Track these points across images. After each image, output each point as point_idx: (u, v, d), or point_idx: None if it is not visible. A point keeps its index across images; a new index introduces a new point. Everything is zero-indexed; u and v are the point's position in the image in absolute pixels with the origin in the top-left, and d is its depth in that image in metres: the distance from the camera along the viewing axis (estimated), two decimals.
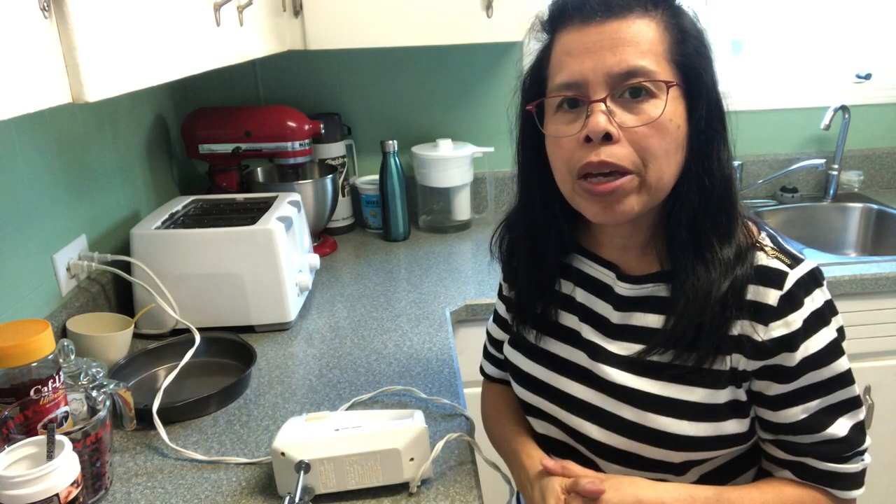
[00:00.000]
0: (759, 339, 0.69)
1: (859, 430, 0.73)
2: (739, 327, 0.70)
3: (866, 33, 2.01)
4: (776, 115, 2.01)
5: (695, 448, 0.73)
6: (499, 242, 0.89)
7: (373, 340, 1.26)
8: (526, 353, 0.86)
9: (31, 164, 1.11)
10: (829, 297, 0.71)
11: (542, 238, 0.81)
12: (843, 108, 1.90)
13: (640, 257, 0.77)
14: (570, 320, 0.82)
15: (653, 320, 0.75)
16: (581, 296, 0.82)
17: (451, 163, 1.78)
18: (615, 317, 0.78)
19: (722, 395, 0.72)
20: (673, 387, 0.73)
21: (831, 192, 1.99)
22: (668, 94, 0.67)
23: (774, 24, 1.99)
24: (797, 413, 0.71)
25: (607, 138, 0.67)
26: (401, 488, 0.84)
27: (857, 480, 0.74)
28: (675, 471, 0.75)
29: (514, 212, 0.85)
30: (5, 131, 1.05)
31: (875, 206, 1.93)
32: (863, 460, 0.74)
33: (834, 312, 0.72)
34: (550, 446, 0.86)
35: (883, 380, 1.59)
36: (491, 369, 1.01)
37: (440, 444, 0.86)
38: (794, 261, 0.71)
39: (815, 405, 0.71)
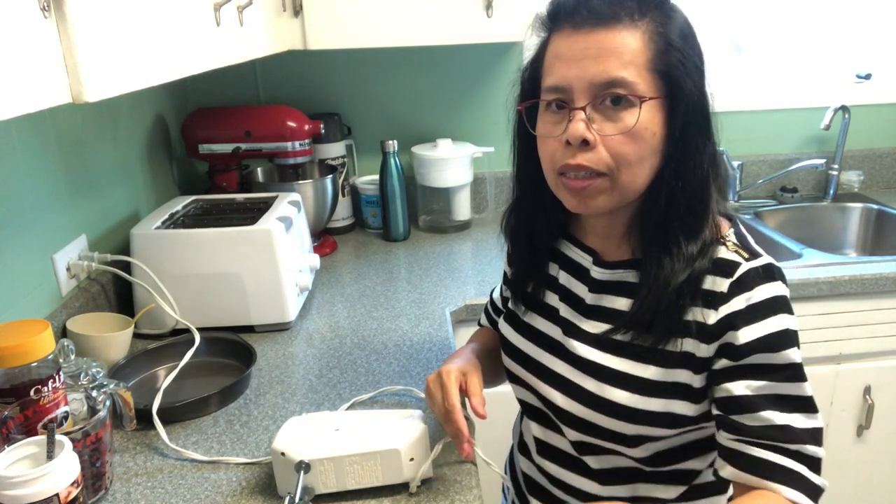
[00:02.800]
0: (709, 323, 0.73)
1: (811, 436, 0.72)
2: (693, 314, 0.74)
3: (866, 33, 2.01)
4: (776, 115, 2.01)
5: (644, 422, 0.77)
6: (505, 225, 0.95)
7: (373, 340, 1.26)
8: (515, 326, 0.92)
9: (31, 164, 1.11)
10: (784, 293, 0.74)
11: (534, 224, 0.88)
12: (843, 108, 1.91)
13: (617, 246, 0.83)
14: (552, 299, 0.88)
15: (621, 303, 0.81)
16: (563, 278, 0.88)
17: (451, 163, 1.78)
18: (589, 298, 0.84)
19: (673, 375, 0.76)
20: (630, 363, 0.78)
21: (831, 192, 1.99)
22: (640, 106, 0.70)
23: (774, 24, 1.99)
24: (740, 387, 0.73)
25: (585, 143, 0.72)
26: (401, 488, 0.84)
27: (803, 481, 0.71)
28: (629, 443, 0.80)
29: (514, 198, 0.91)
30: (5, 131, 1.05)
31: (875, 206, 1.93)
32: (813, 461, 0.72)
33: (787, 310, 0.73)
34: (527, 410, 0.93)
35: (883, 380, 1.59)
36: (484, 321, 1.09)
37: (440, 445, 0.86)
38: (753, 255, 0.75)
39: (759, 385, 0.72)
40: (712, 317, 0.73)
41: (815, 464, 0.73)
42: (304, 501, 0.80)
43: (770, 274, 0.74)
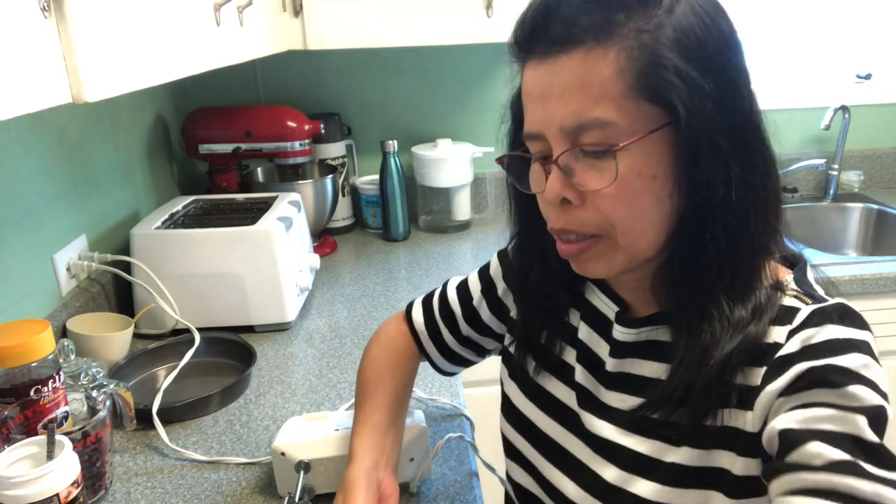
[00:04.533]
0: (755, 384, 0.56)
1: (894, 486, 0.48)
2: (742, 377, 0.57)
3: (866, 33, 2.01)
4: (776, 115, 1.97)
5: None
6: (511, 266, 0.79)
7: None
8: (521, 386, 0.77)
9: (31, 164, 1.11)
10: (863, 338, 0.54)
11: (543, 275, 0.72)
12: (843, 108, 1.91)
13: (647, 300, 0.66)
14: (569, 355, 0.73)
15: (649, 369, 0.64)
16: (583, 331, 0.72)
17: (451, 163, 1.78)
18: (610, 363, 0.68)
19: (711, 459, 0.59)
20: (660, 445, 0.62)
21: (831, 192, 1.99)
22: (616, 156, 0.54)
23: (775, 24, 1.99)
24: (786, 420, 0.52)
25: (568, 201, 0.58)
26: (401, 488, 0.84)
27: None
28: None
29: (515, 242, 0.76)
30: (5, 131, 1.05)
31: (875, 206, 1.93)
32: None
33: (867, 353, 0.53)
34: (523, 497, 0.77)
35: None
36: (418, 317, 0.88)
37: (440, 444, 0.86)
38: (817, 301, 0.58)
39: (809, 415, 0.51)
40: (759, 375, 0.56)
41: None
42: (304, 501, 0.80)
43: (844, 315, 0.55)
